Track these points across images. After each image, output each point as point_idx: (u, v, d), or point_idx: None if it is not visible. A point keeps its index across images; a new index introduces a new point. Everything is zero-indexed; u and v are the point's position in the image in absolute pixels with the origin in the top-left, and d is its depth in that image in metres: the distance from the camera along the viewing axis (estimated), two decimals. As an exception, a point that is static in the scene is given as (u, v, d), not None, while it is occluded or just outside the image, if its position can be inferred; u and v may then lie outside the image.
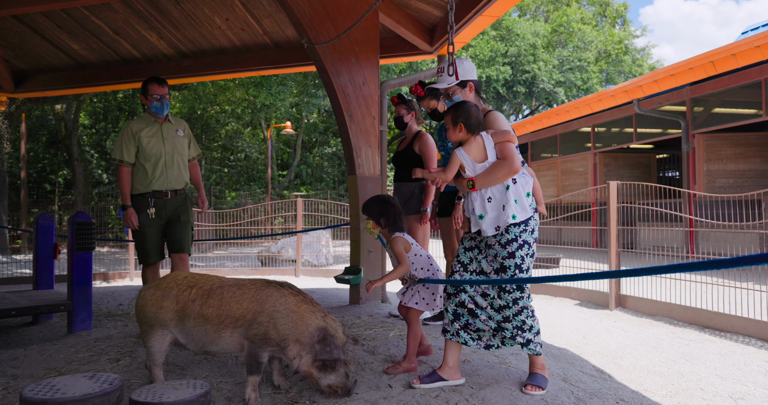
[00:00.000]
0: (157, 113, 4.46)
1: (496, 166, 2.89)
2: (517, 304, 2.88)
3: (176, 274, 3.00)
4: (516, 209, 2.88)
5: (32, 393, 2.22)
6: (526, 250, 2.92)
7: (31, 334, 4.59)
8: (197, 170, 4.84)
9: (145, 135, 4.40)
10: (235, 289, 2.84)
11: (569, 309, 6.44)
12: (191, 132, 4.80)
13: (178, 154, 4.53)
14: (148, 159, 4.39)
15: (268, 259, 11.73)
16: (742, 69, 9.62)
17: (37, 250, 5.42)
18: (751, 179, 11.18)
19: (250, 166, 27.71)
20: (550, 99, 29.30)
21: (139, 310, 2.89)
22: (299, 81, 19.57)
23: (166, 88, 4.48)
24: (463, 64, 3.18)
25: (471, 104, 2.99)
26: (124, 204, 4.41)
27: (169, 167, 4.46)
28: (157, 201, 4.42)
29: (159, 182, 4.41)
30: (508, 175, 2.86)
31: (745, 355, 4.30)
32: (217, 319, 2.77)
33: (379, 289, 5.92)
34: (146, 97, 4.45)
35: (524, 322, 2.91)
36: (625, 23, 36.62)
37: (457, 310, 3.04)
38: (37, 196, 20.47)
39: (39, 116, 21.97)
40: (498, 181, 2.88)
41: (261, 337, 2.73)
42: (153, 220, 4.41)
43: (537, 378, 3.02)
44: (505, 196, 2.89)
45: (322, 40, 5.22)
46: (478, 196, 2.94)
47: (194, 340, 2.83)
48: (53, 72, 8.71)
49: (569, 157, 15.66)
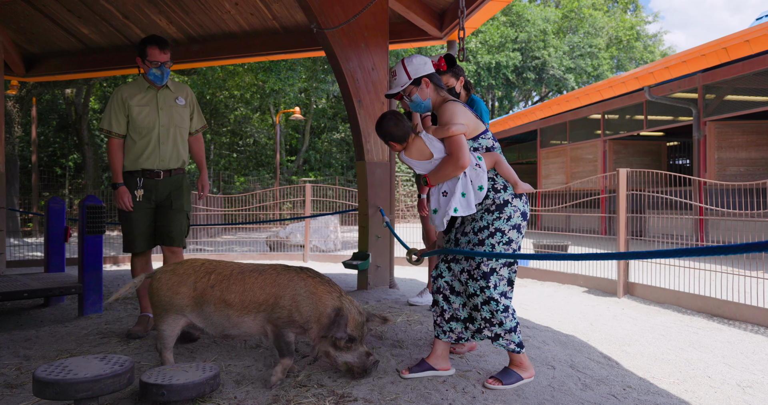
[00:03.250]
0: (156, 82, 3.86)
1: (443, 163, 2.90)
2: (484, 293, 2.84)
3: (194, 261, 3.01)
4: (460, 203, 2.86)
5: (45, 373, 2.25)
6: (498, 238, 2.88)
7: (42, 316, 4.64)
8: (201, 145, 4.20)
9: (136, 103, 3.82)
10: (256, 275, 2.87)
11: (577, 296, 6.45)
12: (195, 100, 4.15)
13: (175, 126, 3.92)
14: (138, 131, 3.82)
15: (277, 244, 11.79)
16: (755, 56, 9.48)
17: (48, 234, 5.46)
18: (763, 167, 11.09)
19: (259, 152, 27.76)
20: (560, 85, 29.10)
21: (153, 294, 2.91)
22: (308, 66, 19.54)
23: (168, 54, 3.83)
24: (411, 62, 3.10)
25: (387, 118, 3.00)
26: (115, 181, 3.86)
27: (163, 142, 3.87)
28: (147, 181, 3.86)
29: (150, 160, 3.85)
30: (455, 170, 2.85)
31: (753, 344, 4.30)
32: (240, 304, 2.80)
33: (386, 274, 5.94)
34: (143, 61, 3.81)
35: (493, 315, 2.85)
36: (636, 9, 36.20)
37: (435, 297, 3.06)
38: (48, 180, 20.60)
39: (49, 100, 22.06)
40: (447, 177, 2.88)
41: (285, 319, 2.77)
42: (140, 203, 3.87)
43: (503, 372, 2.93)
44: (455, 189, 2.88)
45: (332, 25, 5.19)
46: (435, 190, 2.97)
47: (214, 325, 2.87)
48: (63, 56, 8.72)
49: (579, 144, 15.57)
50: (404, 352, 3.39)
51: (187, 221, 4.07)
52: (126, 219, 3.91)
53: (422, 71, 3.09)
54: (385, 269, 5.89)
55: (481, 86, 27.93)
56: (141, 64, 3.85)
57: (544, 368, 3.19)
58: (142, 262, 4.03)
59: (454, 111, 2.95)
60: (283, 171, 26.19)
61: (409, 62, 3.09)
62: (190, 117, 4.10)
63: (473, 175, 2.89)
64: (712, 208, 6.40)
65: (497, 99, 31.53)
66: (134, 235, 3.91)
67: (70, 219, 7.17)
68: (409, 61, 3.10)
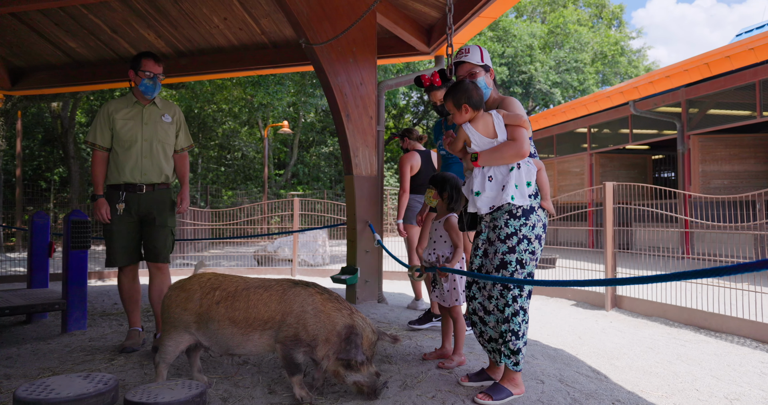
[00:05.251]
0: (146, 93, 3.93)
1: (504, 145, 2.84)
2: (516, 302, 2.84)
3: (201, 275, 2.97)
4: (515, 192, 2.81)
5: (26, 393, 2.21)
6: (525, 246, 2.86)
7: (24, 333, 4.56)
8: (185, 163, 4.21)
9: (121, 117, 3.89)
10: (261, 291, 2.80)
11: (565, 309, 6.45)
12: (183, 118, 4.20)
13: (158, 141, 3.96)
14: (121, 144, 3.87)
15: (265, 258, 11.72)
16: (736, 71, 9.66)
17: (31, 249, 5.39)
18: (746, 180, 11.22)
19: (247, 165, 27.68)
20: (547, 100, 29.34)
21: (164, 310, 2.90)
22: (297, 80, 19.55)
23: (161, 67, 3.98)
24: (485, 51, 3.16)
25: (467, 82, 2.94)
26: (95, 193, 3.89)
27: (145, 156, 3.91)
28: (129, 195, 3.88)
29: (132, 173, 3.88)
30: (514, 157, 2.81)
31: (740, 356, 4.32)
32: (244, 322, 2.73)
33: (375, 289, 5.92)
34: (137, 72, 3.92)
35: (520, 327, 2.85)
36: (621, 25, 36.71)
37: (472, 318, 3.05)
38: (33, 194, 20.41)
39: (35, 114, 21.90)
40: (503, 160, 2.83)
41: (292, 338, 2.70)
42: (122, 217, 3.88)
43: (494, 387, 2.89)
44: (507, 177, 2.83)
45: (320, 40, 5.22)
46: (479, 173, 2.87)
47: (219, 343, 2.80)
48: (50, 70, 8.68)
49: (565, 157, 15.69)
50: (393, 368, 3.37)
51: (172, 236, 4.07)
52: (107, 232, 3.92)
53: (490, 63, 3.13)
54: (373, 284, 5.87)
55: (469, 100, 28.09)
56: (133, 76, 3.94)
57: (534, 383, 3.18)
58: (128, 278, 4.02)
59: (520, 105, 2.99)
60: (272, 185, 26.13)
61: (485, 50, 3.12)
62: (176, 134, 4.12)
63: (525, 169, 2.87)
64: (698, 221, 6.46)
65: (484, 113, 31.69)
66: (115, 249, 3.91)
67: (54, 234, 7.09)
68: (485, 50, 3.13)
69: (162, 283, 4.01)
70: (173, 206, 4.09)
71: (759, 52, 8.49)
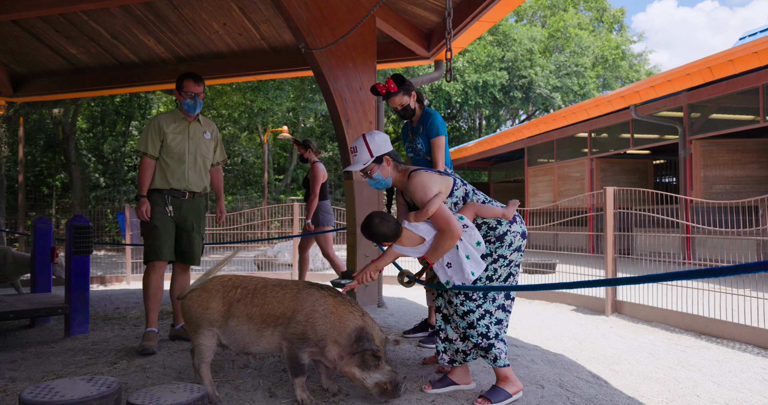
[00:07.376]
0: (189, 112, 4.32)
1: (438, 239, 2.87)
2: (481, 307, 2.90)
3: (221, 277, 3.03)
4: (471, 265, 2.87)
5: (31, 396, 2.22)
6: (500, 263, 2.96)
7: (28, 337, 4.58)
8: (220, 176, 4.69)
9: (171, 131, 4.26)
10: (278, 289, 2.89)
11: (565, 315, 6.45)
12: (219, 135, 4.64)
13: (201, 155, 4.38)
14: (170, 155, 4.24)
15: (265, 263, 11.72)
16: (739, 75, 9.65)
17: (34, 254, 5.42)
18: (748, 185, 11.21)
19: (247, 171, 27.71)
20: (547, 104, 29.36)
21: (186, 311, 2.93)
22: (296, 85, 19.62)
23: (202, 87, 4.35)
24: (373, 138, 3.01)
25: (374, 220, 2.93)
26: (140, 194, 4.21)
27: (191, 168, 4.32)
28: (174, 200, 4.26)
29: (179, 181, 4.25)
30: (452, 242, 2.83)
31: (741, 362, 4.32)
32: (259, 317, 2.81)
33: (375, 293, 5.92)
34: (180, 92, 4.30)
35: (488, 328, 2.90)
36: (622, 29, 36.75)
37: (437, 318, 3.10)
38: (35, 200, 20.43)
39: (37, 120, 21.94)
40: (447, 251, 2.88)
41: (299, 336, 2.75)
42: (166, 216, 4.22)
43: (491, 390, 2.91)
44: (458, 257, 2.88)
45: (320, 45, 5.24)
46: (438, 266, 2.95)
47: (236, 340, 2.86)
48: (51, 76, 8.71)
49: (566, 162, 15.69)
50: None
51: (203, 242, 4.50)
52: (152, 228, 4.19)
53: (384, 149, 3.02)
54: (373, 288, 5.88)
55: (469, 105, 28.11)
56: (178, 96, 4.36)
57: (533, 387, 3.19)
58: (158, 275, 4.22)
59: (424, 184, 2.91)
60: (271, 190, 26.14)
61: (371, 139, 3.01)
62: (214, 150, 4.56)
63: (466, 237, 2.89)
64: (699, 227, 6.46)
65: (484, 118, 31.74)
66: (159, 243, 4.17)
67: (56, 239, 7.11)
68: (371, 138, 3.01)
69: (185, 282, 4.41)
70: (205, 215, 4.53)
71: (763, 56, 8.43)
